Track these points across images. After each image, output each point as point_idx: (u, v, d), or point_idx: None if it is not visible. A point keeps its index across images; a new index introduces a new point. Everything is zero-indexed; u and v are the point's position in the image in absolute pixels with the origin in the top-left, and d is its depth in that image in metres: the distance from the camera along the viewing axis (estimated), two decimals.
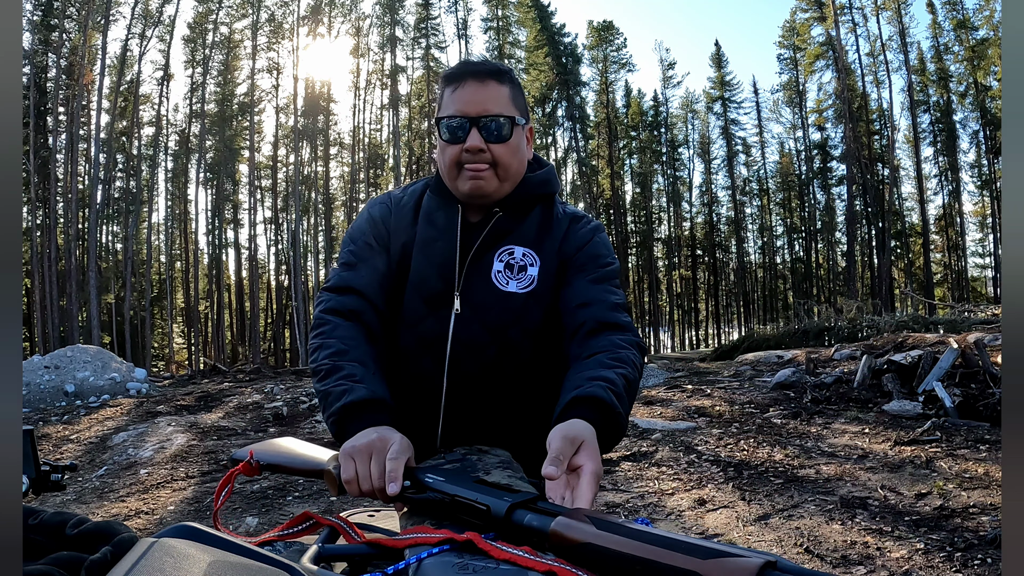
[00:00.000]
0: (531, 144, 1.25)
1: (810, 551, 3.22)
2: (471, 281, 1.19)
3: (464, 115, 1.13)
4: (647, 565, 0.54)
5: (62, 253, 27.55)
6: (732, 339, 24.81)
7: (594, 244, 1.24)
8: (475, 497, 0.74)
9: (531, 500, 0.72)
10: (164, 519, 4.28)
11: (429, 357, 1.20)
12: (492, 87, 1.15)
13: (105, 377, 10.74)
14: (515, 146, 1.17)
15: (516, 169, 1.19)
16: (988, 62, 29.48)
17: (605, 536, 0.58)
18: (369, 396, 1.02)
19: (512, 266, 1.19)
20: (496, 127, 1.13)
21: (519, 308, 1.18)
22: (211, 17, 32.37)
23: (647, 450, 5.42)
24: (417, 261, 1.21)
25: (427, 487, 0.80)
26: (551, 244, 1.22)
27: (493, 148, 1.14)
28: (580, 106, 36.04)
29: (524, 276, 1.19)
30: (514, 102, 1.18)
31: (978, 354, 6.28)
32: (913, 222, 34.06)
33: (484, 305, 1.18)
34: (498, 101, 1.15)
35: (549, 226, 1.24)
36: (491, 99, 1.14)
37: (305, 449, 1.03)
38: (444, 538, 0.66)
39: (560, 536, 0.62)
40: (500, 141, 1.14)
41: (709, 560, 0.51)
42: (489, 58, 36.51)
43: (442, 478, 0.81)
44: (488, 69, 1.16)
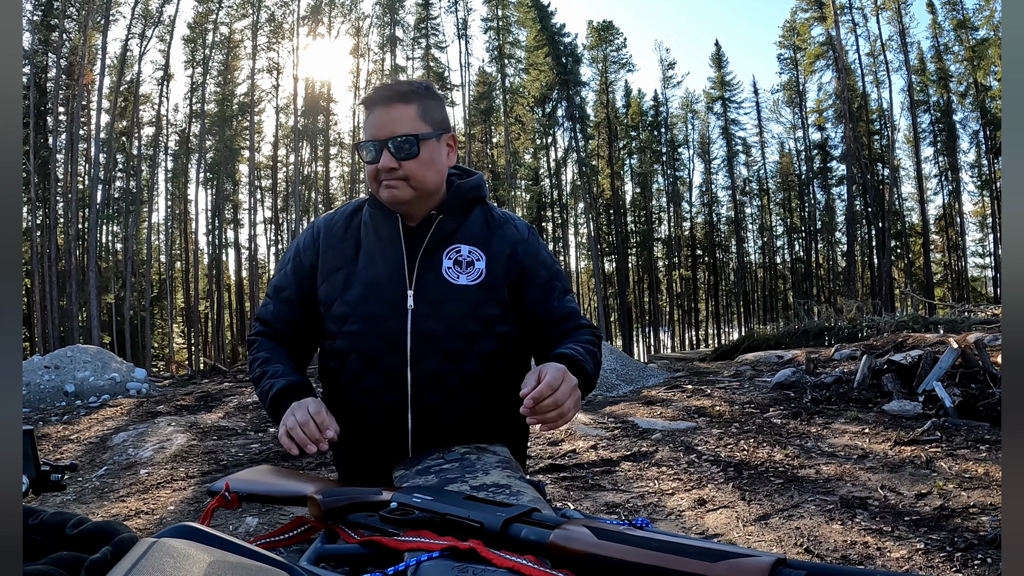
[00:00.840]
0: (453, 151, 1.35)
1: (810, 551, 3.22)
2: (423, 279, 1.29)
3: (375, 138, 1.25)
4: (654, 572, 0.53)
5: (62, 253, 27.55)
6: (732, 339, 24.81)
7: (540, 249, 1.40)
8: (467, 514, 0.72)
9: (526, 513, 0.70)
10: (164, 519, 4.28)
11: (394, 355, 1.28)
12: (398, 109, 1.25)
13: (105, 377, 10.74)
14: (426, 160, 1.27)
15: (432, 179, 1.29)
16: (988, 62, 29.47)
17: (606, 545, 0.57)
18: (287, 384, 1.25)
19: (460, 262, 1.30)
20: (404, 146, 1.24)
21: (472, 299, 1.28)
22: (211, 17, 32.37)
23: (647, 450, 5.42)
24: (369, 269, 1.32)
25: (415, 508, 0.78)
26: (496, 241, 1.34)
27: (404, 164, 1.25)
28: (580, 106, 36.02)
29: (472, 270, 1.30)
30: (424, 118, 1.27)
31: (978, 354, 6.28)
32: (913, 222, 34.06)
33: (439, 299, 1.28)
34: (404, 121, 1.25)
35: (490, 225, 1.37)
36: (397, 120, 1.25)
37: (283, 477, 1.03)
38: (447, 545, 0.65)
39: (560, 547, 0.61)
40: (409, 158, 1.25)
41: (719, 563, 0.51)
42: (489, 58, 36.41)
43: (430, 497, 0.79)
44: (394, 92, 1.27)
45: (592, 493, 4.45)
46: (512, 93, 35.69)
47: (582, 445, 5.67)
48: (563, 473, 4.91)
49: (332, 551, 0.78)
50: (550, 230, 39.40)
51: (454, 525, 0.73)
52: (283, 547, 0.88)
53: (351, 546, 0.78)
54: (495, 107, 35.96)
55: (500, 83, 35.63)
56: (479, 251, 1.32)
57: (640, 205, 39.76)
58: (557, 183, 38.93)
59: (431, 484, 1.02)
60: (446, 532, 0.73)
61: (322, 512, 0.86)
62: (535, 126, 36.88)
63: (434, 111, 1.30)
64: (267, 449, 5.98)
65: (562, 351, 1.20)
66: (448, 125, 1.33)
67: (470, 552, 0.64)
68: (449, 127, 1.33)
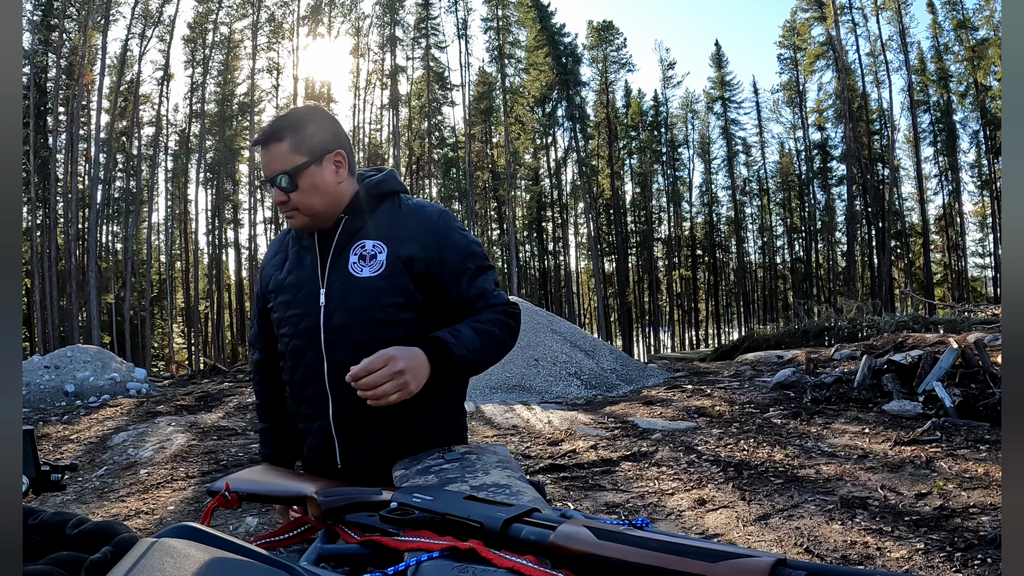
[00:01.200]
0: (343, 165, 1.43)
1: (810, 551, 3.23)
2: (332, 276, 1.41)
3: (264, 179, 1.41)
4: (655, 572, 0.53)
5: (62, 253, 27.55)
6: (732, 339, 24.81)
7: (450, 232, 1.44)
8: (467, 514, 0.72)
9: (526, 513, 0.70)
10: (164, 519, 4.28)
11: (311, 350, 1.41)
12: (273, 148, 1.37)
13: (105, 377, 10.74)
14: (308, 188, 1.38)
15: (319, 202, 1.40)
16: (988, 62, 29.47)
17: (606, 545, 0.57)
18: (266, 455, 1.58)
19: (365, 256, 1.40)
20: (283, 183, 1.37)
21: (374, 290, 1.38)
22: (211, 17, 32.36)
23: (647, 450, 5.42)
24: (291, 276, 1.47)
25: (413, 508, 0.78)
26: (401, 232, 1.41)
27: (291, 196, 1.37)
28: (580, 106, 36.02)
29: (375, 262, 1.39)
30: (298, 150, 1.37)
31: (978, 354, 6.28)
32: (913, 222, 34.05)
33: (344, 292, 1.39)
34: (280, 158, 1.37)
35: (397, 217, 1.44)
36: (273, 160, 1.37)
37: (283, 477, 1.03)
38: (447, 545, 0.65)
39: (560, 548, 0.61)
40: (292, 191, 1.37)
41: (720, 563, 0.50)
42: (489, 58, 36.33)
43: (430, 497, 0.79)
44: (268, 133, 1.38)
45: (592, 493, 4.45)
46: (512, 93, 35.68)
47: (582, 445, 5.67)
48: (563, 473, 4.91)
49: (332, 551, 0.78)
50: (550, 230, 39.41)
51: (454, 525, 0.73)
52: (283, 547, 0.88)
53: (351, 546, 0.78)
54: (495, 107, 35.95)
55: (500, 83, 35.63)
56: (382, 244, 1.40)
57: (640, 205, 39.75)
58: (557, 183, 38.93)
59: (431, 484, 1.02)
60: (446, 532, 0.73)
61: (322, 512, 0.85)
62: (535, 126, 36.88)
63: (310, 139, 1.38)
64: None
65: (436, 334, 1.31)
66: (331, 144, 1.41)
67: (470, 552, 0.64)
68: (332, 146, 1.41)
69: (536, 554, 0.64)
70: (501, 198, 36.41)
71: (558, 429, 6.35)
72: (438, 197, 37.11)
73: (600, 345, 11.60)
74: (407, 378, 1.20)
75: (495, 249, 37.87)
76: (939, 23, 31.62)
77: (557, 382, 9.46)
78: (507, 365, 9.69)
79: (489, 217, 37.87)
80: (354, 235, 1.42)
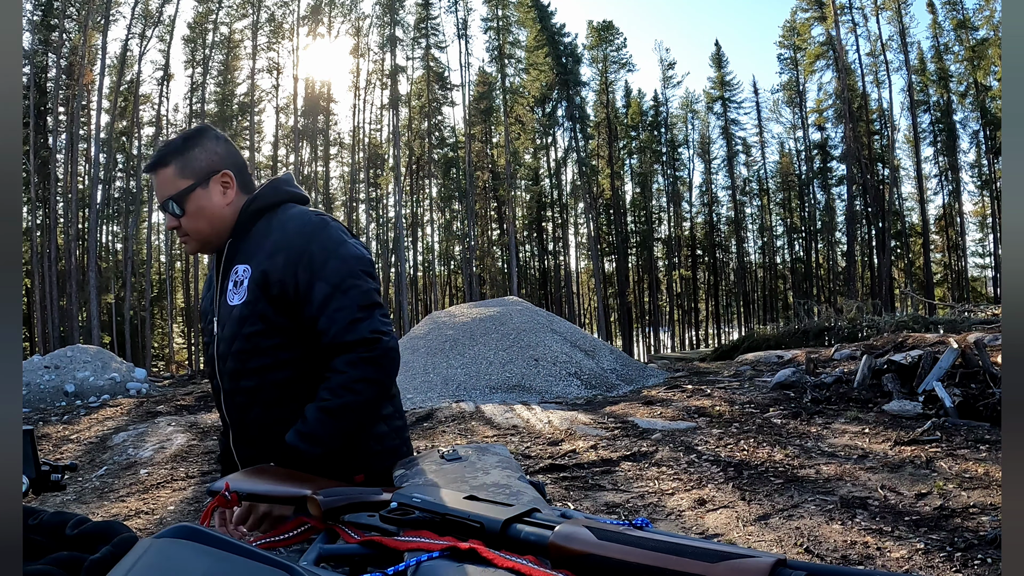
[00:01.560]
0: (231, 186, 1.38)
1: (810, 551, 3.22)
2: (220, 304, 1.39)
3: (158, 204, 1.39)
4: (655, 572, 0.53)
5: (62, 253, 27.54)
6: (732, 339, 24.80)
7: (312, 243, 1.29)
8: (467, 514, 0.72)
9: (526, 513, 0.70)
10: (164, 519, 4.28)
11: (213, 378, 1.42)
12: (160, 175, 1.34)
13: (105, 377, 10.74)
14: (194, 211, 1.34)
15: (206, 226, 1.37)
16: (988, 62, 29.46)
17: (606, 546, 0.57)
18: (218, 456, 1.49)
19: (238, 283, 1.34)
20: (171, 208, 1.34)
21: (237, 318, 1.33)
22: (211, 17, 32.36)
23: (647, 450, 5.42)
24: (205, 300, 1.48)
25: (415, 507, 0.78)
26: (263, 253, 1.33)
27: (181, 221, 1.35)
28: (580, 106, 36.01)
29: (241, 289, 1.34)
30: (183, 173, 1.33)
31: (978, 354, 6.28)
32: (913, 222, 34.04)
33: (222, 322, 1.37)
34: (166, 185, 1.34)
35: (263, 237, 1.35)
36: (162, 186, 1.35)
37: (283, 477, 1.03)
38: (447, 545, 0.65)
39: (560, 548, 0.61)
40: (181, 215, 1.34)
41: (720, 563, 0.51)
42: (489, 58, 36.28)
43: (430, 497, 0.79)
44: (155, 159, 1.35)
45: (592, 493, 4.45)
46: (512, 93, 35.68)
47: (582, 445, 5.67)
48: (563, 473, 4.91)
49: (332, 551, 0.78)
50: (550, 230, 39.40)
51: (454, 525, 0.73)
52: (283, 547, 0.88)
53: (351, 546, 0.78)
54: (495, 107, 35.94)
55: (500, 83, 35.62)
56: (248, 267, 1.34)
57: (640, 205, 39.75)
58: (557, 183, 38.92)
59: (431, 484, 1.02)
60: (446, 532, 0.73)
61: (322, 512, 0.85)
62: (535, 126, 36.87)
63: (194, 161, 1.34)
64: None
65: (286, 439, 1.24)
66: (217, 165, 1.36)
67: (470, 552, 0.64)
68: (218, 167, 1.36)
69: (536, 554, 0.64)
70: (501, 198, 36.40)
71: (558, 429, 6.35)
72: (438, 197, 37.12)
73: (600, 345, 11.59)
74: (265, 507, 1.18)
75: (495, 249, 37.88)
76: (939, 23, 31.61)
77: (557, 382, 9.46)
78: (507, 365, 9.69)
79: (489, 217, 37.86)
80: (233, 259, 1.37)
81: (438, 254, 38.43)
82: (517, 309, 11.75)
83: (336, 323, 1.25)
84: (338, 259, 1.28)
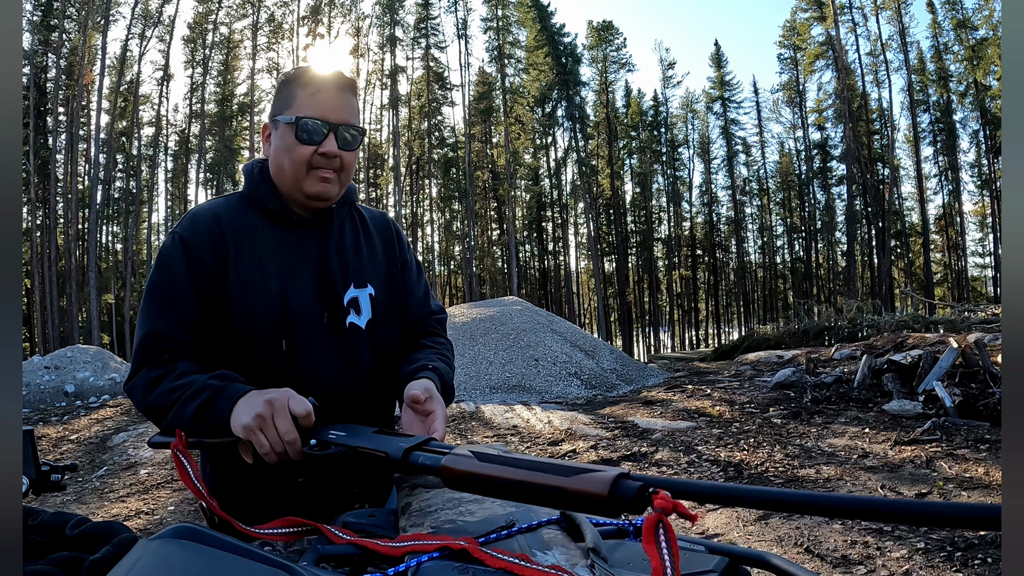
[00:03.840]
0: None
1: (810, 551, 3.22)
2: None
3: (324, 119, 1.13)
4: (523, 486, 0.66)
5: (62, 253, 27.55)
6: (732, 339, 24.80)
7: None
8: (374, 446, 0.84)
9: (424, 442, 0.82)
10: (164, 519, 4.28)
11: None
12: (348, 97, 1.16)
13: (105, 377, 10.74)
14: (354, 158, 1.19)
15: (350, 179, 1.22)
16: (988, 62, 29.47)
17: (487, 466, 0.69)
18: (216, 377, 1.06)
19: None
20: (354, 137, 1.17)
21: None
22: (211, 17, 32.37)
23: (647, 450, 5.42)
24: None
25: (330, 443, 0.90)
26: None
27: (344, 155, 1.15)
28: (580, 106, 36.01)
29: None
30: (358, 116, 1.19)
31: (978, 354, 6.28)
32: (913, 222, 34.06)
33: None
34: (354, 111, 1.18)
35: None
36: (349, 109, 1.16)
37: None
38: (440, 544, 0.68)
39: (449, 470, 0.73)
40: (350, 149, 1.16)
41: (572, 477, 0.62)
42: (489, 58, 36.32)
43: (344, 433, 0.91)
44: (346, 80, 1.18)
45: None
46: (512, 93, 35.68)
47: (582, 445, 5.67)
48: None
49: (332, 551, 0.78)
50: (550, 230, 39.41)
51: (363, 456, 0.85)
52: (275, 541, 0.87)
53: (351, 546, 0.78)
54: (495, 107, 35.95)
55: (500, 83, 35.63)
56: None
57: (640, 205, 39.76)
58: (557, 183, 38.94)
59: (432, 484, 1.02)
60: (358, 463, 0.87)
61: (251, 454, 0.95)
62: (535, 126, 36.88)
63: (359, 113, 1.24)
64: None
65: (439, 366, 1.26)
66: None
67: (462, 553, 0.67)
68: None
69: (432, 474, 0.77)
70: (501, 198, 36.40)
71: (558, 429, 6.35)
72: (438, 197, 37.13)
73: (600, 345, 11.60)
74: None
75: (495, 249, 37.90)
76: (939, 23, 31.62)
77: (557, 382, 9.46)
78: (507, 365, 9.70)
79: (489, 217, 37.87)
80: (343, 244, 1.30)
81: (438, 254, 38.45)
82: (517, 309, 11.75)
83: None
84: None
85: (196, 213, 1.18)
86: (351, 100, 1.17)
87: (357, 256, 1.24)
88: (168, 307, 1.11)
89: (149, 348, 1.09)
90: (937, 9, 31.57)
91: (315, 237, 1.20)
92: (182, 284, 1.12)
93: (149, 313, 1.12)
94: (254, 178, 1.21)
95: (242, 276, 1.13)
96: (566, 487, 0.61)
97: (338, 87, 1.16)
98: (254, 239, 1.16)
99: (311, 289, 1.17)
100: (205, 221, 1.15)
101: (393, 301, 1.27)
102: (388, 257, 1.30)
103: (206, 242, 1.13)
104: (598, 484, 0.59)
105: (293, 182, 1.16)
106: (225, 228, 1.15)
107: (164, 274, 1.13)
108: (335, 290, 1.19)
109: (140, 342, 1.10)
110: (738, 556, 0.74)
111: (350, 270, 1.22)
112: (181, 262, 1.12)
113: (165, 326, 1.10)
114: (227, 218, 1.17)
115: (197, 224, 1.15)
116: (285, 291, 1.15)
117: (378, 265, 1.27)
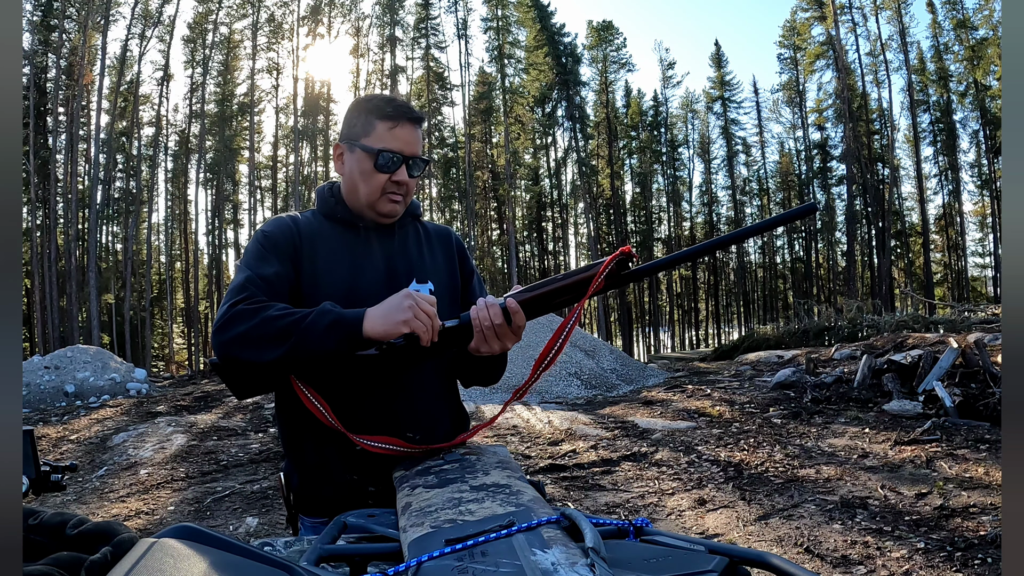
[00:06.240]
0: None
1: (810, 551, 3.22)
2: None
3: (402, 152, 1.32)
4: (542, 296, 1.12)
5: (62, 253, 27.54)
6: (732, 339, 24.80)
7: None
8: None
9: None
10: (164, 519, 4.28)
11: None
12: (419, 132, 1.36)
13: (105, 377, 10.74)
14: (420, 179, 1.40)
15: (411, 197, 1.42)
16: (988, 62, 29.46)
17: (526, 294, 1.13)
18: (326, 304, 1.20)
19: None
20: (419, 168, 1.36)
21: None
22: (211, 17, 32.35)
23: (647, 450, 5.42)
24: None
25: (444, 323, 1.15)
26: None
27: (409, 184, 1.35)
28: (580, 106, 35.99)
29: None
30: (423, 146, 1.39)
31: (978, 354, 6.28)
32: (913, 222, 34.04)
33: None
34: (421, 143, 1.37)
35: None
36: (419, 143, 1.36)
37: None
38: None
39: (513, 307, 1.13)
40: (415, 177, 1.36)
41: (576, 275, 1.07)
42: (489, 58, 36.32)
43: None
44: (419, 115, 1.37)
45: (592, 493, 4.45)
46: (512, 93, 35.67)
47: (582, 445, 5.67)
48: (563, 473, 4.91)
49: (332, 551, 0.78)
50: (550, 230, 39.40)
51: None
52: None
53: (351, 546, 0.78)
54: (495, 107, 35.94)
55: (500, 83, 35.61)
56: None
57: (640, 205, 39.75)
58: (557, 183, 38.93)
59: (432, 484, 1.02)
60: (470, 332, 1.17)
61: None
62: (535, 126, 36.87)
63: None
64: (267, 449, 5.98)
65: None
66: None
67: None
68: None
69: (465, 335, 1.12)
70: (501, 198, 36.40)
71: (558, 429, 6.35)
72: (438, 197, 37.12)
73: (600, 345, 11.59)
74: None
75: (495, 249, 37.90)
76: (939, 23, 31.61)
77: (557, 382, 9.46)
78: (507, 365, 9.69)
79: (489, 217, 37.87)
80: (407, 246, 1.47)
81: None
82: None
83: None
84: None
85: (276, 216, 1.39)
86: (420, 134, 1.36)
87: (420, 257, 1.41)
88: (268, 264, 1.27)
89: (254, 284, 1.23)
90: (937, 9, 31.57)
91: (381, 240, 1.38)
92: (280, 253, 1.29)
93: (258, 260, 1.28)
94: (326, 196, 1.40)
95: (315, 265, 1.30)
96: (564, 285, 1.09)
97: (413, 123, 1.34)
98: (327, 238, 1.34)
99: (377, 277, 1.34)
100: (284, 220, 1.36)
101: (452, 300, 1.41)
102: (448, 266, 1.45)
103: (286, 235, 1.32)
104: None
105: (367, 202, 1.35)
106: (301, 228, 1.34)
107: (265, 243, 1.30)
108: (399, 280, 1.35)
109: (243, 281, 1.23)
110: (738, 556, 0.74)
111: (413, 267, 1.38)
112: (274, 240, 1.31)
113: (270, 272, 1.26)
114: (303, 222, 1.36)
115: (278, 222, 1.35)
116: (354, 277, 1.32)
117: (439, 269, 1.42)
